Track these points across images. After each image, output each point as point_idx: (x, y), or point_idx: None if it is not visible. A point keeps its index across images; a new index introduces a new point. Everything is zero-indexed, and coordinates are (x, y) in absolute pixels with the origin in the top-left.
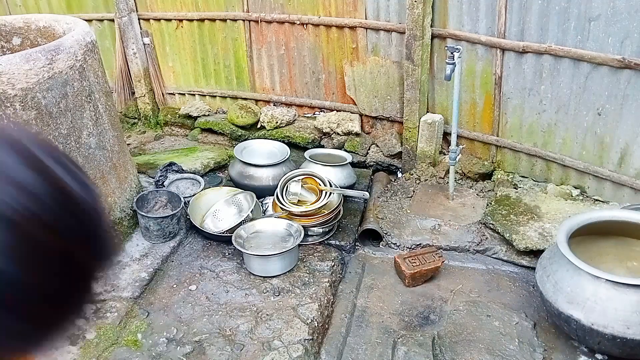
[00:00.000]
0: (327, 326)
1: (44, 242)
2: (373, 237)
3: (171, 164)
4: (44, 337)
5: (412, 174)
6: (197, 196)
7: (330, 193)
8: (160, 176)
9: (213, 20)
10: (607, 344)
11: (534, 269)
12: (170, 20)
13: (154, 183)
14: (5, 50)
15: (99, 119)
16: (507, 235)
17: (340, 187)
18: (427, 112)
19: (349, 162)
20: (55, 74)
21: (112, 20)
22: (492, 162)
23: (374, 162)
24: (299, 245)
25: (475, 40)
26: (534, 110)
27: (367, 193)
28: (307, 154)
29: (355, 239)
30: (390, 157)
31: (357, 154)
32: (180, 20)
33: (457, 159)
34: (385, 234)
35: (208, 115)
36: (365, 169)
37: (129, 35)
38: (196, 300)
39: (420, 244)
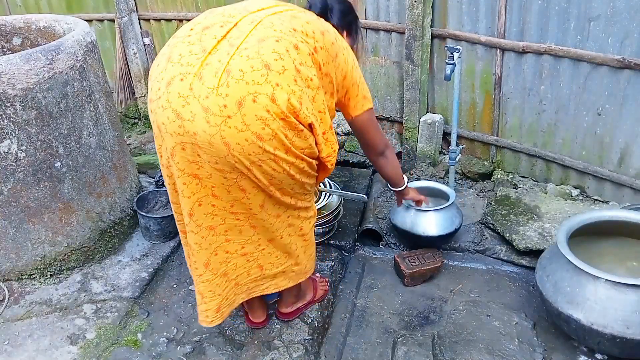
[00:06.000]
0: (327, 326)
1: None
2: (373, 237)
3: None
4: None
5: (412, 174)
6: None
7: (330, 194)
8: (161, 176)
9: None
10: (606, 344)
11: (534, 269)
12: (170, 20)
13: (154, 183)
14: (5, 50)
15: (99, 119)
16: (507, 235)
17: (341, 189)
18: (427, 112)
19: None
20: (56, 74)
21: (112, 21)
22: (492, 162)
23: None
24: None
25: (475, 41)
26: (533, 111)
27: (365, 196)
28: None
29: (355, 239)
30: None
31: (357, 154)
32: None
33: (457, 159)
34: (385, 234)
35: None
36: (365, 169)
37: (129, 35)
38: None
39: None
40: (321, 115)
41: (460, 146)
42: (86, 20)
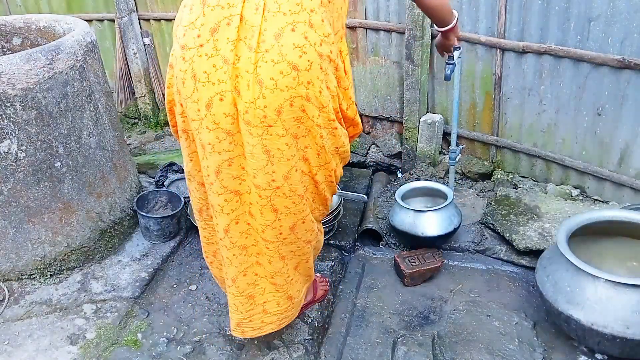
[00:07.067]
0: (327, 326)
1: None
2: (373, 237)
3: (171, 164)
4: None
5: (412, 174)
6: None
7: None
8: (161, 176)
9: None
10: (606, 344)
11: (534, 269)
12: (170, 20)
13: (154, 183)
14: (5, 50)
15: (99, 119)
16: (507, 235)
17: (341, 189)
18: (427, 112)
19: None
20: (56, 74)
21: (112, 21)
22: (492, 162)
23: (373, 162)
24: None
25: (475, 41)
26: (533, 111)
27: (365, 196)
28: None
29: (355, 238)
30: (390, 157)
31: (357, 154)
32: None
33: (457, 159)
34: (385, 234)
35: None
36: (365, 169)
37: (129, 35)
38: (196, 300)
39: None
40: (343, 85)
41: (460, 146)
42: (86, 20)
